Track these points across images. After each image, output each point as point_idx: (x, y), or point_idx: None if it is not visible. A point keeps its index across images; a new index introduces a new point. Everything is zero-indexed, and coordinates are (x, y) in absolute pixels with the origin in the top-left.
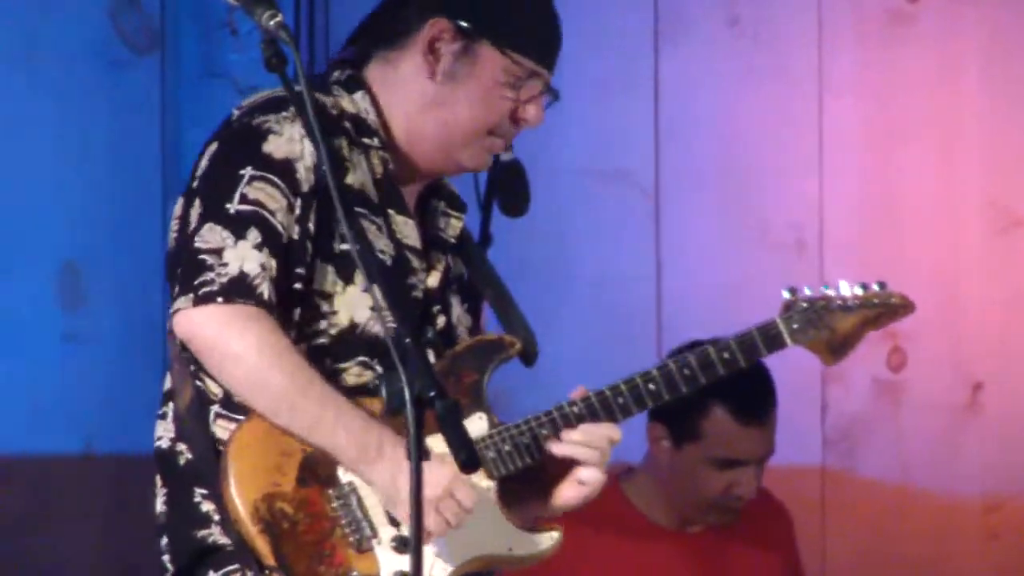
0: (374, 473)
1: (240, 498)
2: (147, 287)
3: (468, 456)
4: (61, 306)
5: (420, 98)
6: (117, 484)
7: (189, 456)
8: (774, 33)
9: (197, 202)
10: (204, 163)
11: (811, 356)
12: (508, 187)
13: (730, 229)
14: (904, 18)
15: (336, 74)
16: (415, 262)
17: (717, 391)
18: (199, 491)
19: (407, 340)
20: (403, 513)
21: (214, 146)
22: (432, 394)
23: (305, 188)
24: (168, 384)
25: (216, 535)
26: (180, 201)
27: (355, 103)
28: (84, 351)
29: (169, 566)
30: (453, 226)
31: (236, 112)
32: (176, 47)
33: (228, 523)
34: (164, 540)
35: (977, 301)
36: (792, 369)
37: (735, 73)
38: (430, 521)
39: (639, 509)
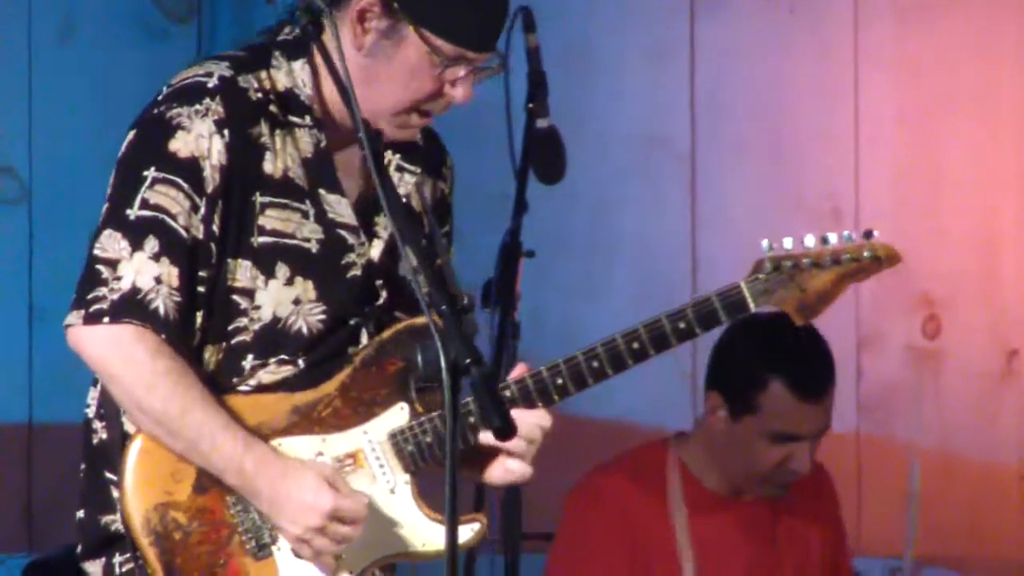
0: (254, 501)
1: (134, 509)
2: None
3: (502, 423)
4: None
5: (350, 67)
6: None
7: (103, 436)
8: (810, 2)
9: (107, 199)
10: (122, 148)
11: (845, 323)
12: (544, 155)
13: (766, 197)
14: None
15: (287, 30)
16: (350, 239)
17: (776, 365)
18: (108, 475)
19: (444, 308)
20: (287, 538)
21: (132, 133)
22: (468, 361)
23: (210, 188)
24: None
25: (119, 523)
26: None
27: (292, 74)
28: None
29: (81, 542)
30: (406, 182)
31: (162, 92)
32: (212, 15)
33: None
34: (81, 513)
35: (1013, 270)
36: (826, 335)
37: (771, 42)
38: (308, 551)
39: (694, 474)
